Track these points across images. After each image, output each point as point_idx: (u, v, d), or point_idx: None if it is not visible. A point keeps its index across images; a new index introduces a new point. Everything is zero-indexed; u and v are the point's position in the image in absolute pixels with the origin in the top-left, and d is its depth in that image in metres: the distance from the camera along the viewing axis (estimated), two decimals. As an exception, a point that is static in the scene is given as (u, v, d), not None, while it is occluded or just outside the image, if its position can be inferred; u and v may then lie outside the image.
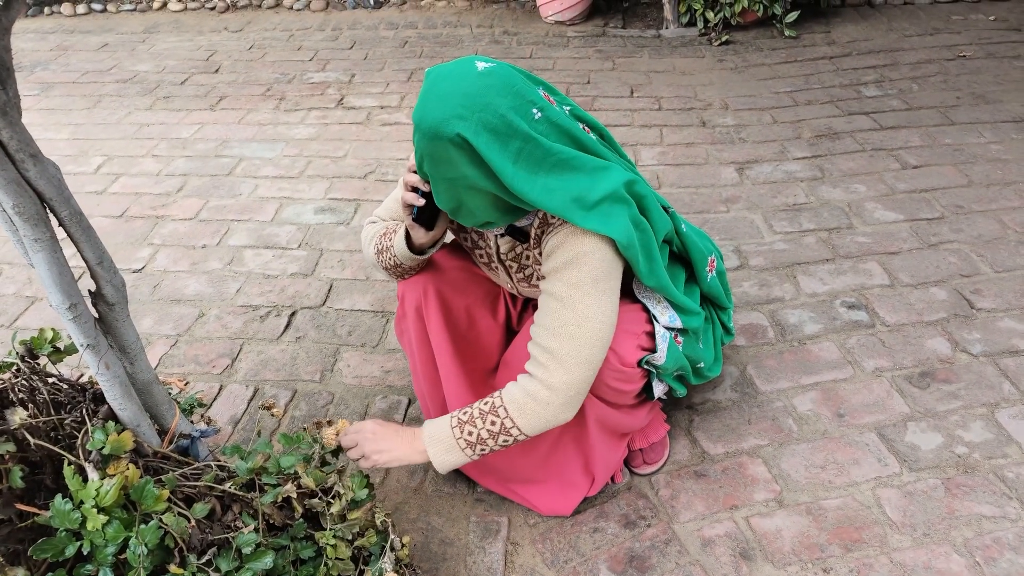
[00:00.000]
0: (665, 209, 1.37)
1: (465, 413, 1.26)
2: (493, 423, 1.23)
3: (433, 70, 1.12)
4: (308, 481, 1.18)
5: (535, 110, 1.12)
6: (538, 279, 1.36)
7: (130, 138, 3.18)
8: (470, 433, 1.24)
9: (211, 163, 2.94)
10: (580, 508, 1.53)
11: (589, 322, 1.19)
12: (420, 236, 1.30)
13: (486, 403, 1.25)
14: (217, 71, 3.83)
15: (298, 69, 3.79)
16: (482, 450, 1.26)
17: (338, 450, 1.31)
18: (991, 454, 1.58)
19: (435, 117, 1.06)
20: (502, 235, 1.34)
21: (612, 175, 1.19)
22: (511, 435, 1.24)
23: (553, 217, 1.22)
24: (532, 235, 1.29)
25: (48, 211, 0.88)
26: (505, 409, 1.22)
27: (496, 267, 1.42)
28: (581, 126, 1.22)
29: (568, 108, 1.26)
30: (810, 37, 3.79)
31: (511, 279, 1.42)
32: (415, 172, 1.23)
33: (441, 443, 1.26)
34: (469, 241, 1.43)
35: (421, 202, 1.23)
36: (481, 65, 1.10)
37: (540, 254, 1.30)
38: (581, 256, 1.18)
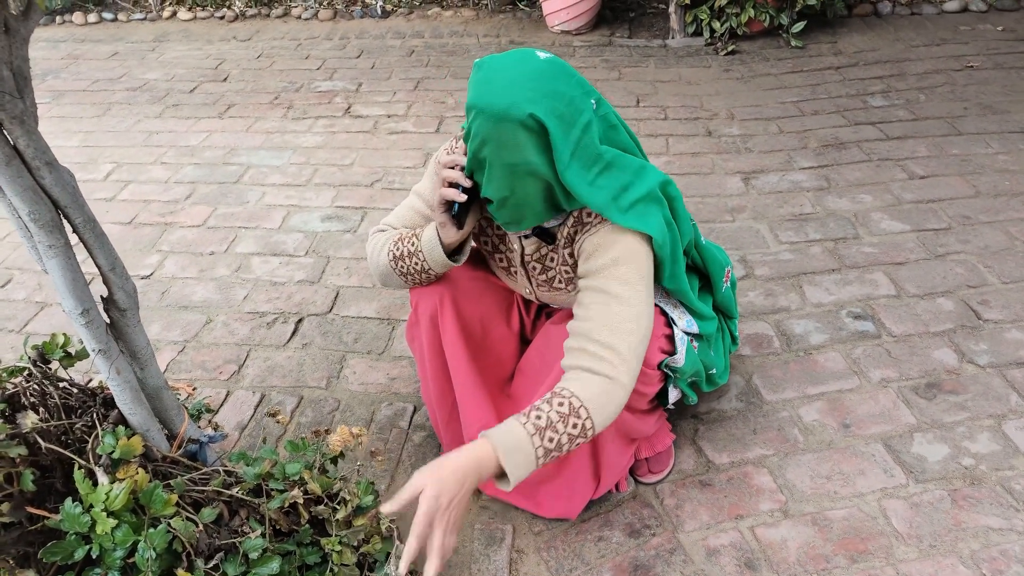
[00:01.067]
0: None
1: (539, 418, 1.13)
2: (575, 426, 1.14)
3: (490, 59, 1.13)
4: (314, 487, 1.19)
5: (593, 101, 1.16)
6: (560, 282, 1.36)
7: (139, 146, 3.20)
8: (551, 440, 1.12)
9: (219, 171, 2.96)
10: (585, 516, 1.53)
11: (643, 318, 1.21)
12: (451, 235, 1.26)
13: (561, 404, 1.14)
14: (226, 79, 3.86)
15: (306, 78, 3.81)
16: (553, 456, 1.14)
17: (338, 457, 1.31)
18: (998, 466, 1.57)
19: (505, 100, 1.07)
20: (527, 236, 1.34)
21: (650, 175, 1.23)
22: (585, 436, 1.15)
23: (589, 216, 1.24)
24: (562, 236, 1.29)
25: (62, 218, 0.89)
26: (586, 409, 1.14)
27: (516, 271, 1.42)
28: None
29: None
30: (816, 47, 3.80)
31: (531, 283, 1.42)
32: (451, 168, 1.21)
33: (520, 454, 1.10)
34: (489, 245, 1.43)
35: (463, 198, 1.19)
36: (542, 55, 1.13)
37: (570, 255, 1.31)
38: (629, 254, 1.20)
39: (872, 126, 3.01)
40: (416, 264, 1.35)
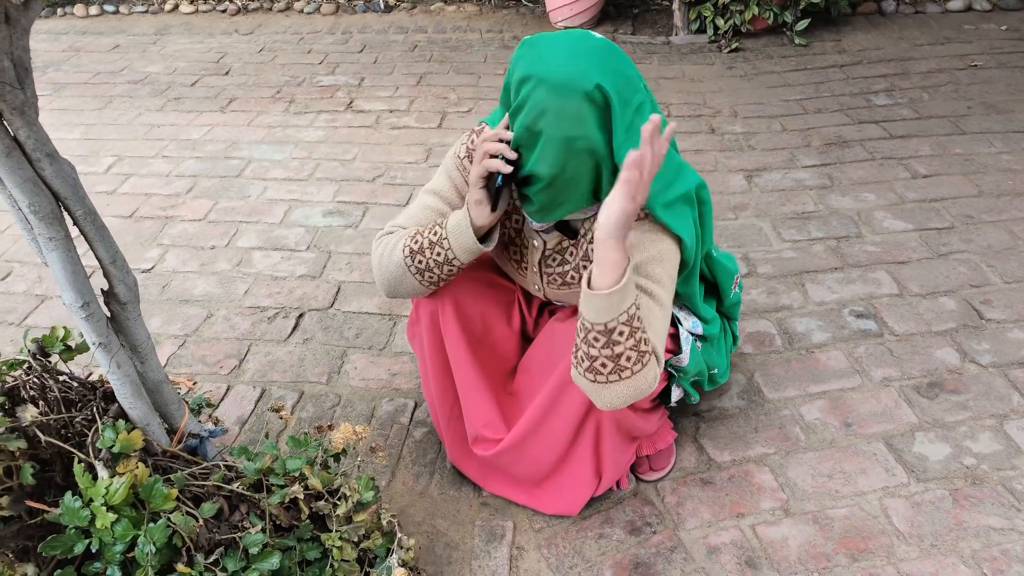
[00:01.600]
0: None
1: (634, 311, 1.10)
2: (637, 330, 1.10)
3: (543, 35, 1.13)
4: (315, 482, 1.18)
5: (642, 85, 1.15)
6: (572, 277, 1.35)
7: (140, 139, 3.20)
8: (633, 307, 1.09)
9: (221, 165, 2.96)
10: (586, 514, 1.53)
11: (668, 319, 1.21)
12: (484, 216, 1.20)
13: (643, 340, 1.11)
14: (227, 73, 3.85)
15: (308, 72, 3.80)
16: (623, 329, 1.09)
17: (341, 454, 1.30)
18: (1000, 466, 1.57)
19: (570, 71, 1.05)
20: (548, 231, 1.32)
21: (690, 173, 1.23)
22: (638, 350, 1.11)
23: None
24: (586, 230, 1.28)
25: (63, 210, 0.89)
26: (652, 353, 1.13)
27: (527, 266, 1.41)
28: None
29: None
30: (820, 45, 3.79)
31: (541, 280, 1.41)
32: (500, 143, 1.16)
33: (618, 270, 1.07)
34: (506, 237, 1.40)
35: (509, 169, 1.13)
36: (597, 35, 1.14)
37: (592, 251, 1.29)
38: (664, 253, 1.20)
39: (875, 125, 3.00)
40: (439, 255, 1.27)
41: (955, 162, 2.70)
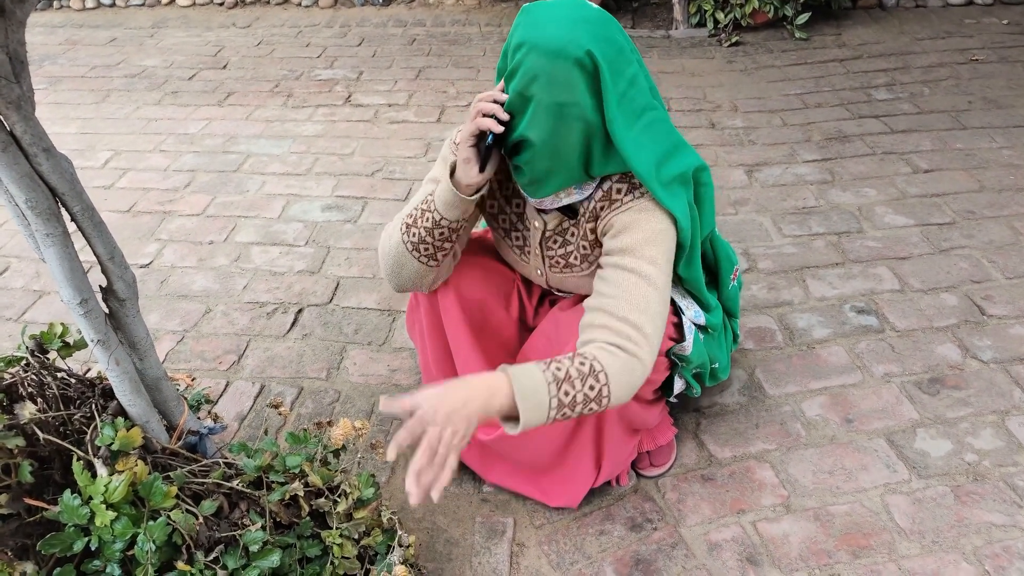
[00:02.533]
0: None
1: (559, 369, 1.09)
2: (592, 388, 1.10)
3: (539, 3, 1.13)
4: (315, 479, 1.18)
5: (635, 58, 1.15)
6: (576, 258, 1.34)
7: (138, 133, 3.18)
8: (566, 393, 1.08)
9: (219, 159, 2.94)
10: (586, 510, 1.52)
11: (665, 301, 1.20)
12: (472, 175, 1.18)
13: (581, 363, 1.10)
14: (225, 67, 3.83)
15: (306, 66, 3.78)
16: (563, 415, 1.10)
17: (340, 450, 1.30)
18: (1001, 462, 1.57)
19: (563, 37, 1.06)
20: (548, 212, 1.31)
21: (690, 153, 1.23)
22: (599, 403, 1.12)
23: (619, 193, 1.23)
24: (586, 209, 1.27)
25: (60, 206, 0.88)
26: (606, 375, 1.11)
27: (530, 250, 1.39)
28: None
29: None
30: (821, 39, 3.77)
31: (543, 263, 1.39)
32: (494, 104, 1.15)
33: (534, 398, 1.06)
34: (507, 223, 1.39)
35: (500, 129, 1.13)
36: (593, 4, 1.13)
37: (592, 230, 1.28)
38: (659, 234, 1.20)
39: (876, 119, 2.99)
40: (427, 220, 1.26)
41: (956, 157, 2.69)
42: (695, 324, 1.41)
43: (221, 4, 4.70)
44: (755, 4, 3.72)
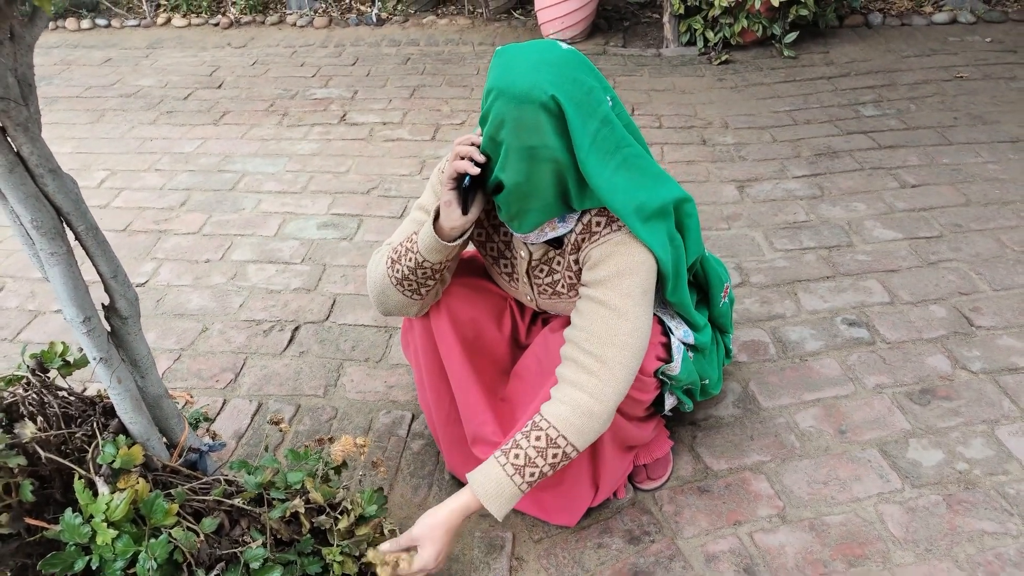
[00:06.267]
0: None
1: (517, 456, 1.20)
2: (555, 455, 1.20)
3: (512, 46, 1.15)
4: (316, 496, 1.18)
5: (608, 98, 1.17)
6: (563, 287, 1.37)
7: (133, 152, 3.20)
8: (531, 473, 1.20)
9: (214, 178, 2.96)
10: (584, 524, 1.53)
11: (639, 332, 1.22)
12: (455, 217, 1.21)
13: (537, 437, 1.20)
14: (220, 86, 3.86)
15: (301, 85, 3.82)
16: (539, 480, 1.22)
17: (341, 466, 1.30)
18: (992, 470, 1.59)
19: (527, 82, 1.08)
20: (532, 242, 1.33)
21: (671, 187, 1.25)
22: (568, 459, 1.22)
23: (598, 226, 1.25)
24: (568, 241, 1.30)
25: (64, 225, 0.89)
26: (564, 438, 1.20)
27: (519, 277, 1.42)
28: None
29: None
30: (809, 57, 3.84)
31: (532, 290, 1.42)
32: (470, 147, 1.20)
33: (501, 496, 1.21)
34: (495, 251, 1.42)
35: (476, 170, 1.16)
36: (563, 45, 1.15)
37: (575, 261, 1.31)
38: (634, 267, 1.22)
39: (864, 135, 3.04)
40: (411, 260, 1.29)
41: (943, 172, 2.74)
42: (684, 344, 1.43)
43: (216, 25, 4.74)
44: (744, 23, 3.78)
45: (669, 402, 1.50)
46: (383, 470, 1.32)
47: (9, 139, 0.79)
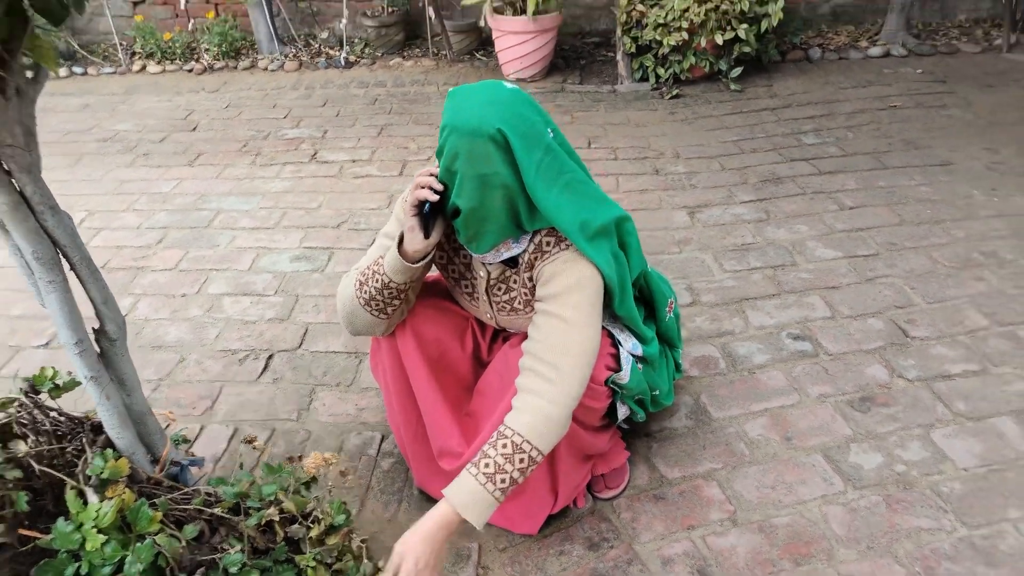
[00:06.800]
0: None
1: (487, 466, 1.28)
2: (522, 460, 1.28)
3: (462, 87, 1.29)
4: (289, 506, 1.26)
5: (549, 130, 1.30)
6: (520, 303, 1.47)
7: (111, 194, 3.25)
8: (503, 480, 1.27)
9: (190, 216, 3.03)
10: (547, 532, 1.59)
11: (590, 341, 1.33)
12: (417, 242, 1.33)
13: (504, 445, 1.28)
14: (195, 129, 3.94)
15: (273, 126, 3.91)
16: (512, 488, 1.30)
17: (312, 481, 1.38)
18: (928, 471, 1.68)
19: (477, 118, 1.21)
20: (491, 264, 1.44)
21: (611, 207, 1.37)
22: (536, 463, 1.30)
23: (548, 245, 1.37)
24: (523, 260, 1.41)
25: (61, 256, 0.98)
26: (528, 443, 1.28)
27: (478, 296, 1.52)
28: None
29: None
30: (753, 90, 4.04)
31: (492, 308, 1.52)
32: (429, 177, 1.32)
33: (477, 505, 1.27)
34: (456, 273, 1.53)
35: (435, 197, 1.28)
36: (508, 85, 1.29)
37: (529, 279, 1.42)
38: (583, 282, 1.33)
39: (806, 162, 3.21)
40: (378, 281, 1.40)
41: (879, 194, 2.90)
42: (633, 355, 1.52)
43: (190, 71, 4.84)
44: (692, 60, 3.99)
45: (622, 412, 1.58)
46: (350, 478, 1.39)
47: (14, 180, 0.88)
